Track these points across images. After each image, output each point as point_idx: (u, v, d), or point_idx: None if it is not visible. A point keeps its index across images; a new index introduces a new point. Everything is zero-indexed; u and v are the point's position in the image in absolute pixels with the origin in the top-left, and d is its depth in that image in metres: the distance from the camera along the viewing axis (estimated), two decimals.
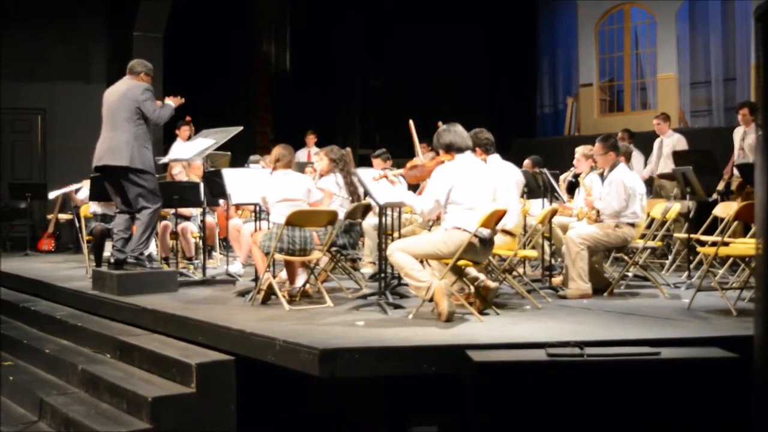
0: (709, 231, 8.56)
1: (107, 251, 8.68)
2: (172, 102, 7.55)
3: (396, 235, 7.58)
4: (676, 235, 9.22)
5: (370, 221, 8.21)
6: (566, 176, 9.02)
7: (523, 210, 7.86)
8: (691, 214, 8.81)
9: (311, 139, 13.74)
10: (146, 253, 7.55)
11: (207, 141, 7.87)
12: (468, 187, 5.95)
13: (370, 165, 9.70)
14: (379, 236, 6.83)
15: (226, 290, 7.52)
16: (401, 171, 6.53)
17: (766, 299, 2.47)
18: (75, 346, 6.60)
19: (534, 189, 8.29)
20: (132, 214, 7.36)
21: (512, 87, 16.55)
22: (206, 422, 5.18)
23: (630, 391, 4.27)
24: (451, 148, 6.10)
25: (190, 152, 8.07)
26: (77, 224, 9.78)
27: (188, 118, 11.07)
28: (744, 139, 9.84)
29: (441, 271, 6.14)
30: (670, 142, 10.82)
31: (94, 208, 9.27)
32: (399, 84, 16.35)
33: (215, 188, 8.16)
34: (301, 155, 13.19)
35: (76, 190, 10.18)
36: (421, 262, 6.10)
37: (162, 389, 5.27)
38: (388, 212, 7.25)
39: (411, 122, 6.77)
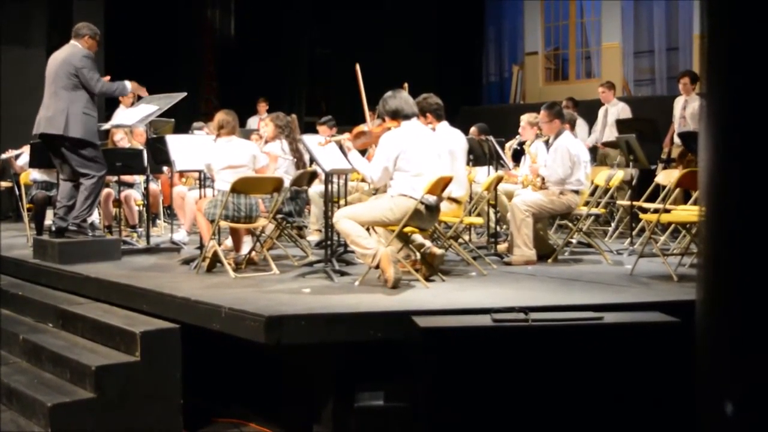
0: (652, 198, 8.69)
1: (48, 219, 8.53)
2: (129, 85, 7.39)
3: (342, 202, 7.57)
4: (619, 202, 9.34)
5: (316, 188, 8.17)
6: (512, 144, 9.07)
7: (468, 177, 7.89)
8: (634, 182, 8.92)
9: (263, 106, 13.60)
10: (89, 221, 7.42)
11: (150, 107, 7.74)
12: (415, 154, 5.94)
13: (315, 132, 9.65)
14: (326, 204, 6.82)
15: (170, 258, 7.45)
16: (347, 137, 6.49)
17: (709, 265, 2.50)
18: (16, 316, 6.49)
19: (479, 156, 8.32)
20: (76, 182, 7.23)
21: (459, 55, 16.53)
22: (151, 391, 5.15)
23: (574, 355, 4.33)
24: (398, 115, 6.08)
25: (132, 118, 7.93)
26: (17, 192, 9.58)
27: None
28: (685, 108, 9.97)
29: (387, 238, 6.15)
30: (615, 110, 10.92)
31: (35, 175, 9.09)
32: (346, 52, 16.23)
33: (159, 155, 8.04)
34: (252, 123, 13.07)
35: (16, 156, 9.96)
36: (368, 229, 6.10)
37: (106, 358, 5.22)
38: (335, 179, 7.22)
39: (357, 66, 6.73)
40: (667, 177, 8.45)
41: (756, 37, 2.38)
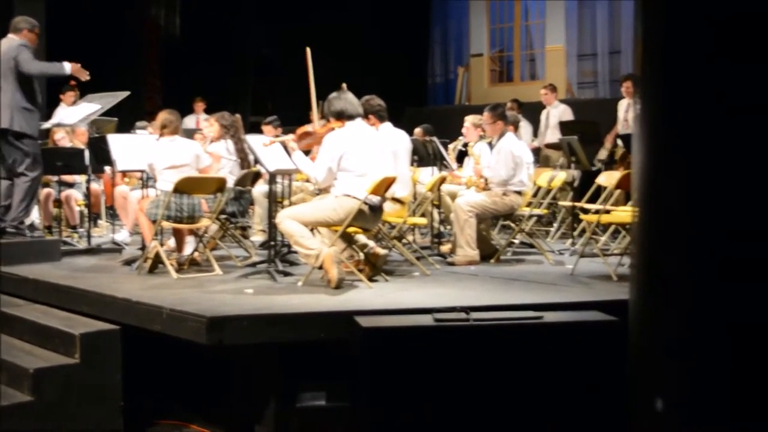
0: (593, 199, 8.80)
1: None
2: (69, 66, 7.20)
3: (286, 202, 7.56)
4: (561, 203, 9.44)
5: (260, 189, 8.14)
6: (456, 145, 9.12)
7: (412, 178, 7.92)
8: (575, 183, 9.03)
9: (199, 105, 13.48)
10: (27, 221, 7.29)
11: (92, 106, 7.66)
12: (358, 154, 5.96)
13: (261, 132, 9.60)
14: (270, 204, 6.79)
15: (111, 259, 7.36)
16: (292, 137, 6.48)
17: (641, 265, 2.56)
18: None
19: (424, 157, 8.36)
20: (12, 180, 7.10)
21: (404, 56, 16.58)
22: (91, 393, 5.07)
23: (514, 354, 4.37)
24: (342, 116, 6.09)
25: (74, 117, 7.84)
26: None
27: (73, 83, 10.69)
28: (628, 110, 10.12)
29: (331, 238, 6.15)
30: (557, 112, 11.06)
31: None
32: (292, 51, 16.16)
33: (100, 154, 7.94)
34: (189, 122, 12.94)
35: None
36: (312, 229, 6.10)
37: (44, 360, 5.12)
38: (279, 180, 7.20)
39: (308, 50, 6.74)
40: (608, 178, 8.55)
41: (689, 42, 2.44)
